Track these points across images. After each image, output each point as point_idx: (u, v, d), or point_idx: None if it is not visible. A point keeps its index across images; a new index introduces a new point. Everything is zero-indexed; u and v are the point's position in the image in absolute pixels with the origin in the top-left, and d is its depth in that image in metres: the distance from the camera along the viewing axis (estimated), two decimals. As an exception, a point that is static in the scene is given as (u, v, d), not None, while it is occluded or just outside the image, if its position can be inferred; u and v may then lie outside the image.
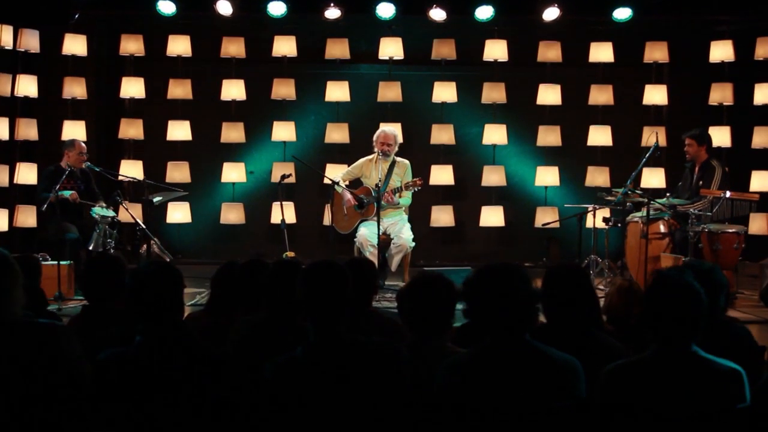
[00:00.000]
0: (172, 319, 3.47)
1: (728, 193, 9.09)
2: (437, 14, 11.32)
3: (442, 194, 12.06)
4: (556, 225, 11.19)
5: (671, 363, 3.33)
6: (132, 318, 3.54)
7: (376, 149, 10.03)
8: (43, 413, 3.32)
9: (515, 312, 3.38)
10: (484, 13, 11.33)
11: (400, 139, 10.10)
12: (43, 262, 8.90)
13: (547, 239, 12.29)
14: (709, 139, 9.87)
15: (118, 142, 12.06)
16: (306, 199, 12.10)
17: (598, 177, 11.91)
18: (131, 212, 9.39)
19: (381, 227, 9.71)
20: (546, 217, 11.90)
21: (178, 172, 11.82)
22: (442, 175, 11.90)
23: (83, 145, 9.93)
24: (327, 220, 11.84)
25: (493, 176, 12.04)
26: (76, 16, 11.07)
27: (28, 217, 11.29)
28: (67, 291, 8.82)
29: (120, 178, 10.65)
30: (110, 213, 9.42)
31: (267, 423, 3.35)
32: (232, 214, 12.06)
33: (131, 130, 11.96)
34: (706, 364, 3.32)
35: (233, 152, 12.22)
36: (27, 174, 11.35)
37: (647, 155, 9.52)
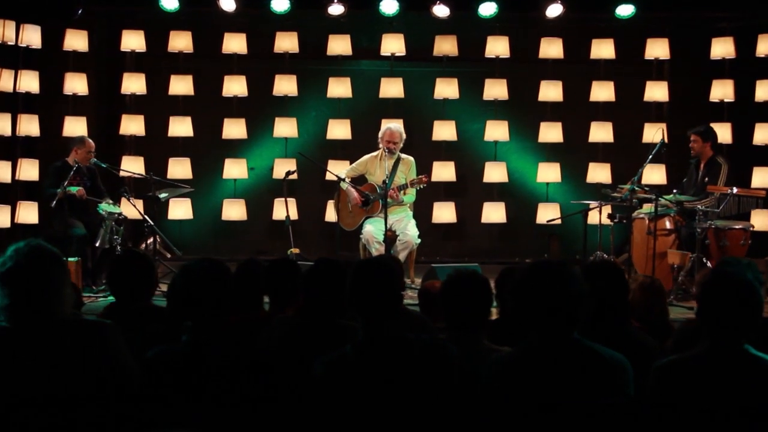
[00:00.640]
0: (222, 317, 3.46)
1: (735, 190, 9.13)
2: (441, 10, 11.32)
3: (443, 191, 12.05)
4: (559, 222, 11.23)
5: (724, 360, 3.33)
6: (177, 316, 3.53)
7: (381, 146, 10.01)
8: (92, 412, 3.30)
9: (565, 310, 3.38)
10: (487, 9, 11.32)
11: (405, 137, 10.09)
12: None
13: (548, 236, 12.31)
14: (714, 136, 9.91)
15: (119, 138, 12.00)
16: (307, 195, 12.09)
17: (599, 173, 11.93)
18: (138, 208, 9.35)
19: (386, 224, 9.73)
20: (547, 213, 11.93)
21: (179, 169, 11.77)
22: (443, 171, 11.90)
23: (92, 142, 9.88)
24: (329, 216, 11.88)
25: (494, 173, 12.05)
26: (79, 11, 10.97)
27: (30, 213, 11.22)
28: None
29: (127, 174, 10.61)
30: (117, 209, 9.39)
31: (317, 421, 3.34)
32: (233, 211, 12.02)
33: (132, 126, 11.90)
34: (759, 362, 3.33)
35: (235, 148, 12.19)
36: (28, 170, 11.28)
37: (653, 152, 9.50)
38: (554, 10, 11.36)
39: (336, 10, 11.39)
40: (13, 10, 10.87)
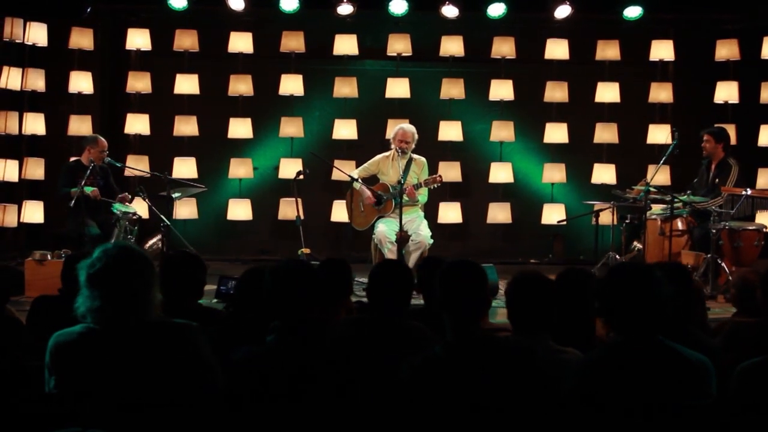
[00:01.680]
0: (309, 318, 3.45)
1: (749, 191, 9.18)
2: (450, 11, 11.34)
3: (449, 191, 12.06)
4: (565, 223, 11.31)
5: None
6: (267, 317, 3.51)
7: (393, 146, 10.00)
8: (180, 414, 3.29)
9: (650, 312, 3.39)
10: (496, 10, 11.36)
11: (417, 137, 10.09)
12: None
13: (552, 236, 12.35)
14: (727, 137, 9.96)
15: (124, 137, 11.93)
16: (313, 195, 12.05)
17: (604, 174, 11.98)
18: (154, 208, 9.30)
19: (398, 224, 9.72)
20: (552, 213, 11.99)
21: (184, 168, 11.72)
22: (449, 171, 11.89)
23: (105, 141, 9.82)
24: (335, 216, 11.88)
25: (500, 173, 12.08)
26: (89, 9, 10.91)
27: (35, 212, 11.16)
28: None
29: (141, 173, 10.55)
30: (131, 209, 9.34)
31: (405, 421, 3.33)
32: (239, 210, 11.98)
33: (137, 125, 11.84)
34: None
35: (240, 148, 12.15)
36: (34, 169, 11.22)
37: (667, 153, 9.55)
38: (563, 11, 11.40)
39: (345, 9, 11.39)
40: (22, 7, 10.78)
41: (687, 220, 9.61)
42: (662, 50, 12.03)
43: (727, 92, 11.77)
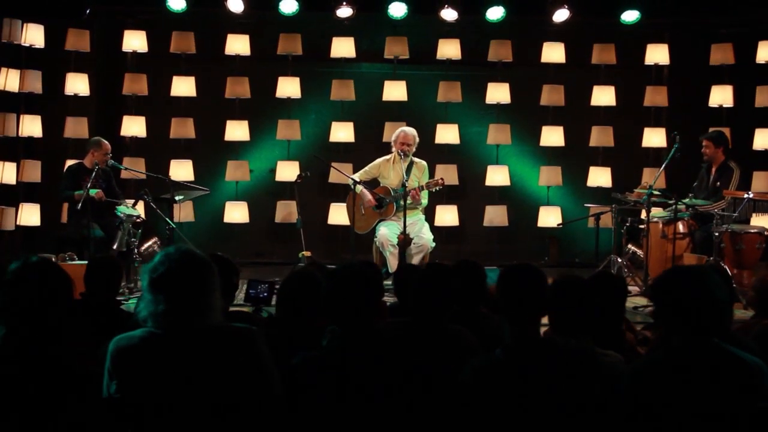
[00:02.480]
0: (368, 322, 3.45)
1: (751, 194, 9.25)
2: (449, 14, 11.37)
3: (446, 194, 12.08)
4: (560, 226, 11.40)
5: None
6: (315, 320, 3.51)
7: (394, 149, 10.02)
8: (240, 418, 3.27)
9: (708, 315, 3.41)
10: (494, 13, 11.41)
11: (418, 140, 10.10)
12: (70, 262, 8.79)
13: (547, 239, 12.40)
14: (726, 141, 10.04)
15: (120, 139, 11.86)
16: (309, 198, 12.01)
17: (599, 177, 12.05)
18: (159, 211, 9.26)
19: (399, 227, 9.74)
20: (549, 216, 12.04)
21: (181, 171, 11.65)
22: (446, 174, 11.90)
23: (108, 144, 9.77)
24: (332, 219, 11.87)
25: (497, 176, 12.11)
26: (87, 11, 10.85)
27: (32, 215, 11.08)
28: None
29: (142, 176, 10.50)
30: (135, 212, 9.29)
31: (466, 424, 3.34)
32: (235, 213, 11.94)
33: (133, 127, 11.79)
34: None
35: (237, 150, 12.11)
36: (30, 171, 11.15)
37: (669, 156, 9.59)
38: (561, 15, 11.45)
39: (344, 12, 11.39)
40: (20, 8, 10.71)
41: (688, 223, 9.67)
42: (657, 54, 12.11)
43: (721, 96, 11.86)
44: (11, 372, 3.27)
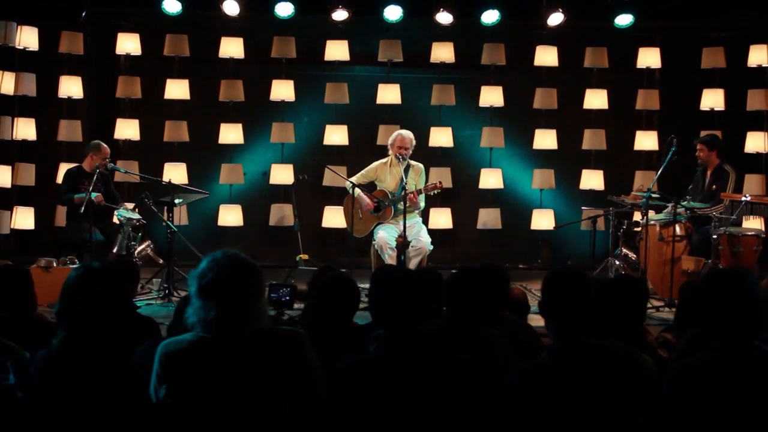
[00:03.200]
0: (412, 325, 3.46)
1: (748, 197, 9.33)
2: (444, 17, 11.41)
3: (440, 197, 12.10)
4: (554, 228, 11.51)
5: None
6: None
7: (391, 152, 10.03)
8: (289, 421, 3.29)
9: (748, 317, 3.44)
10: (489, 17, 11.45)
11: (415, 143, 10.13)
12: (71, 266, 8.76)
13: (540, 241, 12.45)
14: (719, 144, 10.12)
15: (114, 143, 11.79)
16: (303, 201, 12.00)
17: (592, 180, 12.12)
18: (160, 215, 9.23)
19: (397, 230, 9.76)
20: (542, 219, 12.11)
21: (174, 174, 11.59)
22: (440, 177, 11.85)
23: (107, 148, 9.73)
24: (326, 222, 11.88)
25: (490, 179, 12.16)
26: (83, 14, 10.81)
27: (26, 218, 11.03)
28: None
29: (142, 180, 10.44)
30: (135, 215, 9.26)
31: (516, 427, 3.36)
32: (229, 216, 11.92)
33: (127, 130, 11.75)
34: None
35: (231, 154, 12.09)
36: (24, 174, 11.10)
37: (666, 159, 9.63)
38: (555, 19, 11.51)
39: (340, 15, 11.41)
40: (15, 11, 10.65)
41: (685, 226, 9.73)
42: (649, 57, 12.19)
43: (713, 99, 11.96)
44: (70, 374, 3.29)
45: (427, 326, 4.33)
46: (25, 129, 11.15)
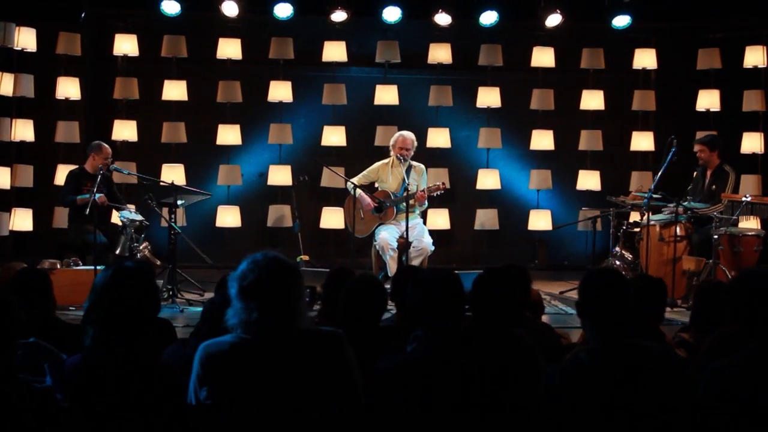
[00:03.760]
0: (453, 326, 3.48)
1: (749, 197, 9.38)
2: (442, 19, 11.45)
3: (437, 197, 12.11)
4: (554, 228, 11.55)
5: None
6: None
7: (392, 153, 10.05)
8: (326, 421, 3.30)
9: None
10: (488, 18, 11.49)
11: (416, 144, 10.15)
12: (75, 267, 8.74)
13: (536, 242, 12.49)
14: (720, 144, 10.17)
15: (111, 144, 11.73)
16: (300, 201, 11.99)
17: (589, 180, 12.17)
18: (164, 216, 9.22)
19: (398, 231, 9.79)
20: (539, 219, 12.15)
21: (172, 175, 11.54)
22: (437, 178, 11.86)
23: (109, 149, 9.70)
24: (324, 223, 11.88)
25: (488, 179, 12.19)
26: (83, 15, 10.78)
27: (24, 220, 10.99)
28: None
29: (144, 180, 10.42)
30: (139, 217, 9.24)
31: (557, 426, 3.39)
32: (228, 218, 11.91)
33: (125, 131, 11.72)
34: None
35: (229, 155, 12.09)
36: (23, 176, 11.07)
37: (667, 160, 9.66)
38: (553, 20, 11.57)
39: (339, 16, 11.43)
40: (15, 12, 10.62)
41: (685, 226, 9.77)
42: (645, 58, 12.25)
43: (708, 100, 12.04)
44: (107, 377, 3.29)
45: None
46: (24, 130, 11.11)
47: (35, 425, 3.24)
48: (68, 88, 11.39)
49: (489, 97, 12.13)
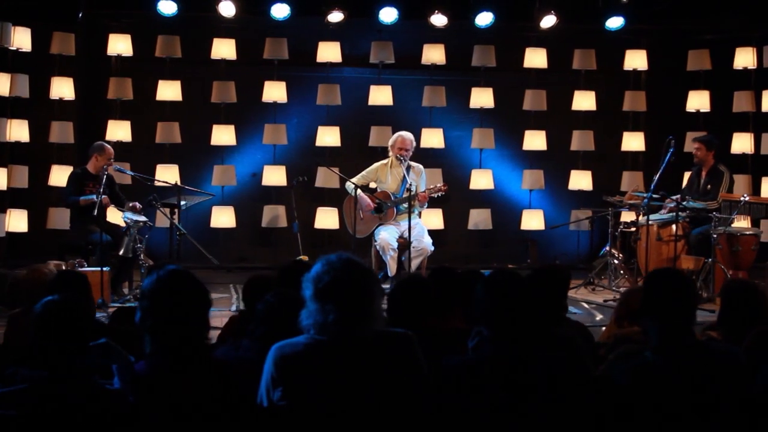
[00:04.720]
0: (519, 326, 3.52)
1: (747, 197, 9.51)
2: (438, 20, 11.49)
3: (431, 197, 12.15)
4: (542, 227, 11.65)
5: None
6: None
7: (391, 154, 10.09)
8: (399, 420, 3.33)
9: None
10: (483, 19, 11.55)
11: (415, 144, 10.19)
12: (79, 268, 8.69)
13: (527, 242, 12.57)
14: (717, 144, 10.29)
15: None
16: (296, 202, 12.00)
17: (581, 180, 12.27)
18: (168, 217, 9.20)
19: (398, 231, 9.83)
20: (531, 219, 12.23)
21: (167, 175, 11.49)
22: (432, 178, 11.89)
23: (111, 149, 9.65)
24: (318, 223, 11.88)
25: (481, 180, 12.25)
26: (80, 15, 10.72)
27: (19, 221, 10.92)
28: (108, 297, 8.60)
29: (145, 180, 10.39)
30: (142, 218, 9.21)
31: (624, 425, 3.44)
32: (222, 218, 11.89)
33: (119, 131, 11.64)
34: None
35: (223, 155, 12.06)
36: (17, 176, 11.00)
37: (665, 160, 9.74)
38: (548, 21, 11.65)
39: (336, 17, 11.44)
40: (11, 11, 10.54)
41: (682, 225, 9.88)
42: (636, 60, 12.37)
43: (698, 101, 12.18)
44: (176, 381, 3.31)
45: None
46: (18, 131, 11.02)
47: (112, 428, 3.24)
48: (62, 88, 11.31)
49: (482, 98, 12.19)
